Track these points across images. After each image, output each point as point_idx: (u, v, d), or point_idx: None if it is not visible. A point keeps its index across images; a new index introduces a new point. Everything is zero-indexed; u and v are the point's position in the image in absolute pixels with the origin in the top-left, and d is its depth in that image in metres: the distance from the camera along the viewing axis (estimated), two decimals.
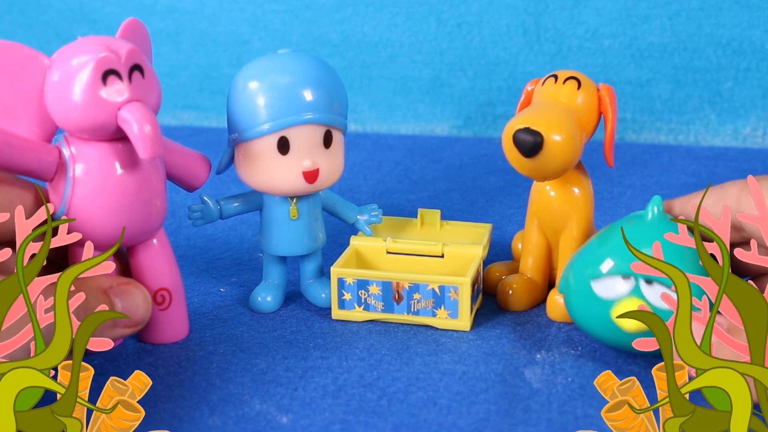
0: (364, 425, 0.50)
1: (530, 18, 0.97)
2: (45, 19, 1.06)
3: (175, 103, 1.06)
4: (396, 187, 0.85)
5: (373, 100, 1.02)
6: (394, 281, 0.59)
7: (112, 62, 0.50)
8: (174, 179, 0.58)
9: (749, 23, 0.94)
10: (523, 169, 0.58)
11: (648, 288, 0.52)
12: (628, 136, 0.98)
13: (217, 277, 0.67)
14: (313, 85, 0.58)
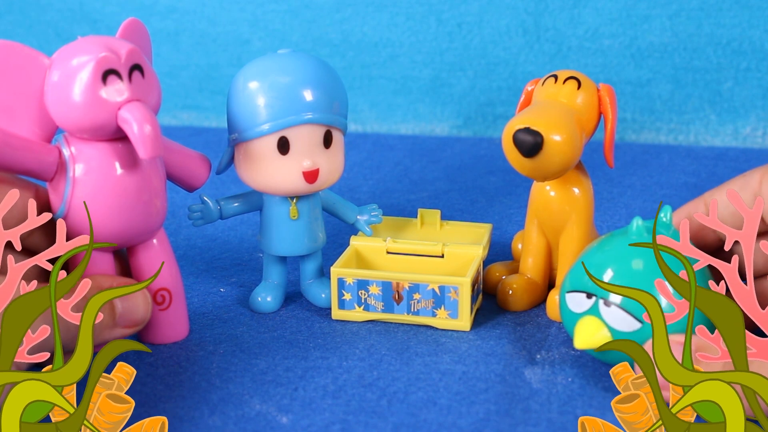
0: (364, 425, 0.50)
1: (530, 18, 0.97)
2: (45, 19, 1.06)
3: (175, 103, 1.06)
4: (396, 187, 0.85)
5: (373, 100, 1.02)
6: (394, 281, 0.59)
7: (112, 62, 0.50)
8: (174, 179, 0.58)
9: (749, 23, 0.94)
10: (523, 169, 0.58)
11: (606, 308, 0.52)
12: (628, 136, 0.98)
13: (217, 277, 0.67)
14: (313, 85, 0.58)
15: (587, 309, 0.52)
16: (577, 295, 0.53)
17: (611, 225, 0.75)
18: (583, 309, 0.52)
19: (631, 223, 0.53)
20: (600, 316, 0.52)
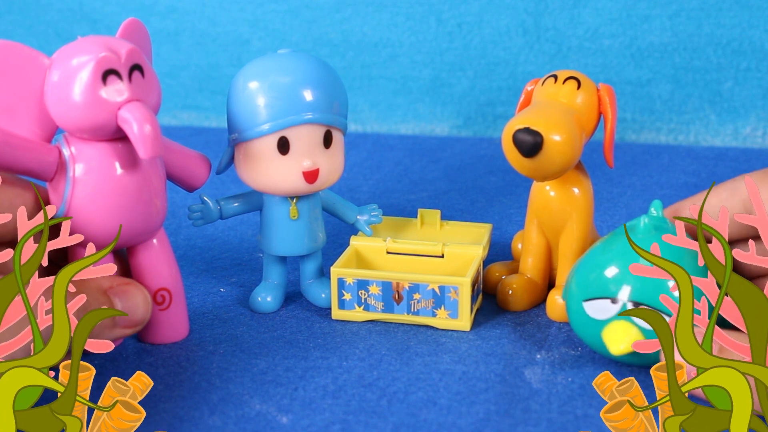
0: (364, 425, 0.50)
1: (530, 18, 0.97)
2: (45, 19, 1.06)
3: (175, 103, 1.06)
4: (396, 187, 0.85)
5: (373, 100, 1.02)
6: (394, 281, 0.59)
7: (112, 62, 0.50)
8: (174, 179, 0.58)
9: (749, 23, 0.94)
10: (523, 169, 0.58)
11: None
12: (628, 136, 0.98)
13: (217, 277, 0.67)
14: (313, 85, 0.58)
15: (614, 314, 0.52)
16: (599, 302, 0.53)
17: (611, 225, 0.75)
18: (609, 315, 0.52)
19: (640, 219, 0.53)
20: (629, 318, 0.51)
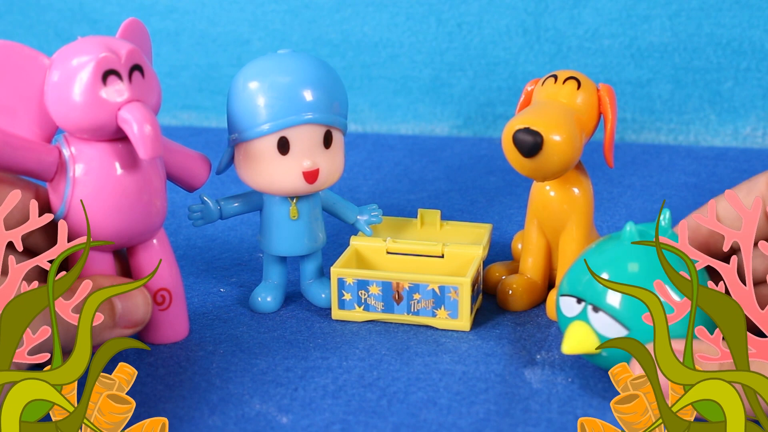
0: (364, 425, 0.50)
1: (530, 18, 0.97)
2: (45, 19, 1.06)
3: (175, 103, 1.06)
4: (396, 187, 0.85)
5: (373, 100, 1.02)
6: (394, 281, 0.59)
7: (112, 62, 0.50)
8: (174, 179, 0.58)
9: (749, 23, 0.94)
10: (523, 169, 0.58)
11: (594, 314, 0.51)
12: (628, 136, 0.98)
13: (217, 277, 0.67)
14: (313, 85, 0.58)
15: (577, 314, 0.52)
16: (569, 300, 0.53)
17: (611, 225, 0.75)
18: (573, 314, 0.52)
19: (624, 227, 0.53)
20: (588, 321, 0.52)
